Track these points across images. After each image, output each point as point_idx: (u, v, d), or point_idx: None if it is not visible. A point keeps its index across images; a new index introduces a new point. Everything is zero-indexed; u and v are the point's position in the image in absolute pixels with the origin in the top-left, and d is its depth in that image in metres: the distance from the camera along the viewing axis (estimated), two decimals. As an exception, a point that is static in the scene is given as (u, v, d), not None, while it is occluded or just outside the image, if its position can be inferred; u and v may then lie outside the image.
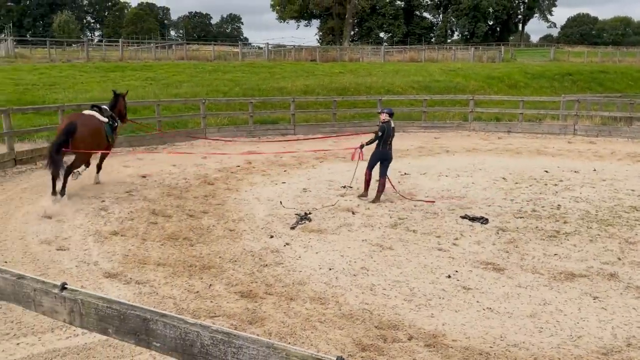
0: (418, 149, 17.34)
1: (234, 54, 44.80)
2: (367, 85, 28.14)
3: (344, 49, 50.57)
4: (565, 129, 20.66)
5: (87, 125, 10.25)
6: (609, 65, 45.03)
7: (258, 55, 48.61)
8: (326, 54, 45.15)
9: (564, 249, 7.91)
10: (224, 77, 28.22)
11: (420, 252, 7.84)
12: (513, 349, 5.07)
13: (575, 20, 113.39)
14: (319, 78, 29.56)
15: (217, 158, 14.64)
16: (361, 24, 79.12)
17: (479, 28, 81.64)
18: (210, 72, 29.47)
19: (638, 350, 5.08)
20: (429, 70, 34.16)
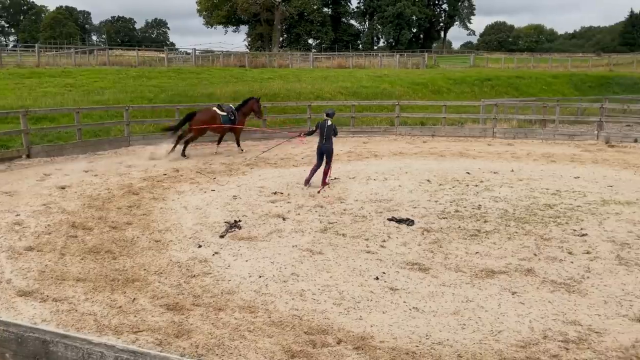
0: (347, 154, 17.57)
1: (159, 60, 43.74)
2: (296, 91, 28.23)
3: (273, 55, 50.54)
4: (485, 132, 21.58)
5: (203, 114, 16.45)
6: (524, 70, 47.48)
7: (185, 60, 47.67)
8: (255, 60, 44.94)
9: (484, 247, 8.24)
10: (149, 83, 27.45)
11: (349, 255, 7.93)
12: (438, 346, 5.22)
13: (493, 28, 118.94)
14: (248, 84, 29.35)
15: (141, 167, 14.21)
16: (290, 30, 79.41)
17: (404, 35, 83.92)
18: (135, 78, 28.59)
19: (554, 342, 5.35)
20: (356, 76, 34.73)
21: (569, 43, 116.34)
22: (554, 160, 16.02)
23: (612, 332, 5.53)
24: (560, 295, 6.49)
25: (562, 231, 8.99)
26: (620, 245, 8.26)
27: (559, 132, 21.18)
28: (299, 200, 11.18)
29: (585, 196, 11.39)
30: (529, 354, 5.05)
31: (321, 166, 12.72)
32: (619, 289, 6.65)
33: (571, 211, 10.21)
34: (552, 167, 14.97)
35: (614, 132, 20.45)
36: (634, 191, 11.84)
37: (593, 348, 5.20)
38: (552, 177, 13.58)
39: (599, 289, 6.65)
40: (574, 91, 38.69)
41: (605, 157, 16.44)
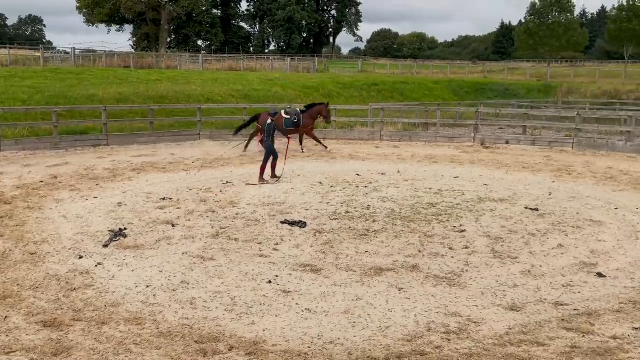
0: (240, 157, 17.42)
1: (34, 59, 40.68)
2: (186, 93, 27.51)
3: (160, 56, 48.85)
4: (373, 135, 22.37)
5: (266, 114, 15.66)
6: (408, 76, 49.87)
7: (64, 60, 44.73)
8: (142, 61, 43.18)
9: (373, 246, 8.52)
10: (22, 83, 25.41)
11: (242, 260, 7.85)
12: (329, 346, 5.30)
13: (379, 35, 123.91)
14: (134, 85, 28.13)
15: (14, 174, 13.13)
16: (178, 30, 77.24)
17: (294, 40, 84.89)
18: (6, 78, 26.34)
19: (437, 334, 5.64)
20: (248, 79, 34.55)
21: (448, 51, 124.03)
22: (436, 162, 16.95)
23: (488, 321, 5.93)
24: (443, 289, 6.86)
25: (443, 228, 9.52)
26: (494, 239, 8.90)
27: (440, 134, 22.46)
28: (190, 206, 10.90)
29: (464, 195, 12.16)
30: (414, 347, 5.29)
31: (277, 159, 13.70)
32: (494, 281, 7.16)
33: (452, 209, 10.85)
34: (434, 168, 15.83)
35: (489, 135, 22.05)
36: (505, 189, 12.83)
37: (472, 337, 5.55)
38: (434, 177, 14.36)
39: (476, 282, 7.12)
40: (453, 96, 41.22)
41: (481, 158, 17.67)
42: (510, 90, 44.90)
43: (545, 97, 41.83)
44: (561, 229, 9.55)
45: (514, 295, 6.67)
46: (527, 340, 5.45)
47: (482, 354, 5.15)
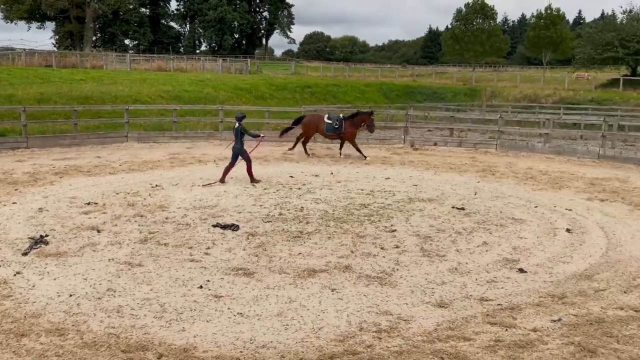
0: (170, 160, 17.01)
1: (-56, 56, 38.06)
2: (112, 94, 26.57)
3: (85, 55, 46.92)
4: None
5: (308, 119, 18.55)
6: (340, 79, 50.45)
7: (-22, 58, 42.09)
8: (64, 60, 41.32)
9: (307, 247, 8.54)
10: None
11: (171, 265, 7.66)
12: (262, 350, 5.27)
13: (311, 38, 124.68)
14: (56, 85, 26.86)
15: None
16: (104, 29, 74.51)
17: (226, 40, 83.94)
18: None
19: (368, 333, 5.72)
20: (178, 80, 33.80)
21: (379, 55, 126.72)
22: (368, 163, 17.23)
23: (418, 319, 6.09)
24: (374, 288, 6.98)
25: (375, 228, 9.69)
26: (423, 238, 9.15)
27: (371, 136, 22.82)
28: (116, 210, 10.53)
29: (394, 195, 12.42)
30: (346, 347, 5.34)
31: (234, 165, 13.69)
32: (423, 279, 7.35)
33: (383, 209, 11.05)
34: (366, 169, 16.09)
35: (418, 137, 22.66)
36: (434, 189, 13.22)
37: (402, 335, 5.67)
38: (366, 178, 14.59)
39: (406, 280, 7.28)
40: (384, 99, 42.10)
41: (411, 159, 18.13)
42: (438, 93, 46.36)
43: (470, 101, 43.47)
44: (486, 227, 9.94)
45: (441, 292, 6.88)
46: (454, 336, 5.63)
47: (411, 351, 5.27)
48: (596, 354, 5.23)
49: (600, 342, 5.47)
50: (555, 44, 60.27)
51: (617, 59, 46.53)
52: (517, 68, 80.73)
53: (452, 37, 67.08)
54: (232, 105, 27.80)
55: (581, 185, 14.02)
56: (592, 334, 5.68)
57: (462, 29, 65.45)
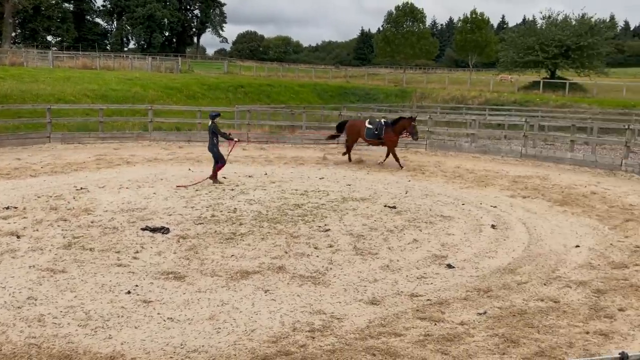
0: (96, 161, 16.36)
1: None
2: (33, 92, 25.28)
3: (3, 52, 44.38)
4: (240, 137, 22.16)
5: (351, 125, 18.01)
6: (274, 79, 50.33)
7: None
8: (-20, 56, 38.93)
9: (239, 249, 8.44)
10: None
11: (97, 271, 7.36)
12: (193, 354, 5.15)
13: (244, 37, 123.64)
14: (-30, 83, 25.27)
15: None
16: (24, 25, 70.83)
17: (155, 38, 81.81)
18: None
19: (302, 333, 5.72)
20: (105, 78, 32.60)
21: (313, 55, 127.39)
22: (302, 163, 17.27)
23: (350, 317, 6.15)
24: (308, 288, 6.99)
25: (309, 228, 9.71)
26: (356, 237, 9.26)
27: (306, 137, 22.90)
28: (38, 215, 10.01)
29: (328, 195, 12.51)
30: (279, 348, 5.32)
31: (223, 164, 13.79)
32: (356, 277, 7.44)
33: (317, 209, 11.11)
34: (300, 170, 16.11)
35: (351, 137, 22.91)
36: (366, 189, 13.42)
37: (335, 333, 5.71)
38: (300, 178, 14.61)
39: (339, 279, 7.34)
40: (318, 99, 42.37)
41: (345, 159, 18.31)
42: (371, 94, 47.15)
43: (401, 102, 44.49)
44: (416, 224, 10.19)
45: (374, 290, 6.98)
46: (386, 332, 5.73)
47: (344, 349, 5.32)
48: (519, 344, 5.47)
49: (522, 333, 5.73)
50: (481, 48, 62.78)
51: (538, 63, 48.98)
52: (446, 70, 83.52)
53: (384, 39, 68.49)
54: (162, 104, 27.13)
55: (505, 183, 14.64)
56: (515, 325, 5.94)
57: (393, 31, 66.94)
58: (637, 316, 6.18)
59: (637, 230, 9.90)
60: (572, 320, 6.07)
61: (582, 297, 6.79)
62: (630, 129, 17.96)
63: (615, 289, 7.02)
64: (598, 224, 10.44)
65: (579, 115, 31.35)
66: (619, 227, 10.13)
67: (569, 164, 17.53)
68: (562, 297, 6.78)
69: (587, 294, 6.88)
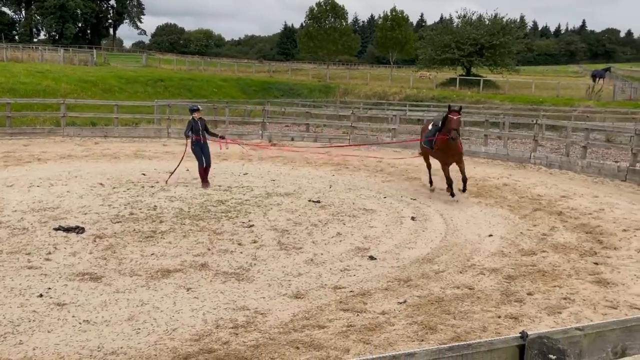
0: (3, 159, 15.40)
1: None
2: None
3: None
4: (160, 132, 21.63)
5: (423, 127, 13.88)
6: (196, 73, 49.31)
7: None
8: None
9: (160, 247, 8.23)
10: None
11: (6, 274, 6.94)
12: (111, 357, 4.98)
13: (164, 30, 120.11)
14: None
15: None
16: None
17: (68, 29, 77.85)
18: None
19: (225, 330, 5.66)
20: (12, 71, 30.69)
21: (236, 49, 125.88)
22: (226, 159, 17.03)
23: (274, 311, 6.15)
24: (231, 284, 6.92)
25: (232, 224, 9.61)
26: (281, 232, 9.27)
27: (229, 131, 22.60)
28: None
29: (252, 190, 12.43)
30: (202, 346, 5.24)
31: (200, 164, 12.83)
32: (280, 272, 7.45)
33: (241, 205, 11.01)
34: (224, 165, 15.89)
35: (275, 132, 22.90)
36: (291, 184, 13.46)
37: (259, 329, 5.70)
38: (224, 174, 14.42)
39: (264, 274, 7.33)
40: (241, 94, 41.96)
41: (269, 154, 18.26)
42: (295, 89, 47.28)
43: (325, 97, 44.94)
44: (339, 218, 10.34)
45: (298, 284, 7.03)
46: (310, 325, 5.79)
47: (268, 344, 5.32)
48: (436, 331, 5.69)
49: (439, 320, 5.96)
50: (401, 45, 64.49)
51: (454, 60, 51.01)
52: (368, 66, 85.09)
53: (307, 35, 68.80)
54: (75, 98, 25.86)
55: (424, 176, 15.14)
56: (432, 312, 6.17)
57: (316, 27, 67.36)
58: (544, 299, 6.60)
59: (544, 219, 10.55)
60: (485, 306, 6.39)
61: (494, 283, 7.16)
62: (538, 124, 19.10)
63: (524, 275, 7.46)
64: (509, 213, 11.03)
65: (492, 111, 33.00)
66: (528, 217, 10.76)
67: (483, 157, 18.40)
68: (477, 284, 7.12)
69: (499, 280, 7.27)
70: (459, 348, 2.19)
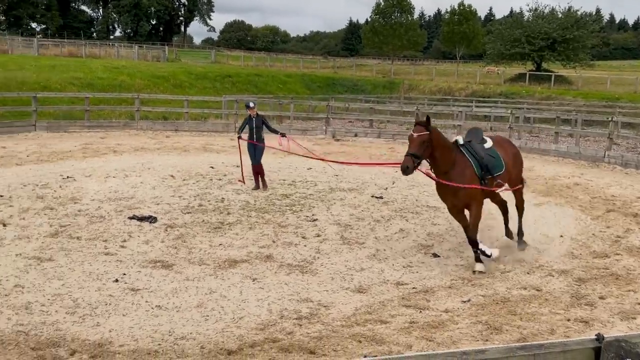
0: (82, 150, 16.27)
1: None
2: (18, 80, 25.02)
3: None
4: (227, 127, 22.18)
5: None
6: (262, 69, 50.15)
7: None
8: (-38, 43, 38.36)
9: (227, 238, 8.48)
10: None
11: (85, 259, 7.37)
12: (181, 341, 5.21)
13: (232, 26, 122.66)
14: (-47, 70, 24.93)
15: None
16: (8, 12, 69.74)
17: (142, 27, 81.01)
18: None
19: (289, 320, 5.79)
20: (90, 66, 32.31)
21: (301, 45, 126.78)
22: (291, 154, 17.25)
23: (337, 304, 6.23)
24: (295, 276, 7.06)
25: (297, 218, 9.77)
26: (344, 227, 9.33)
27: (293, 127, 22.91)
28: (24, 203, 9.96)
29: (316, 185, 12.57)
30: (267, 335, 5.38)
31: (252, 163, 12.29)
32: (342, 266, 7.52)
33: (305, 199, 11.16)
34: (288, 160, 16.10)
35: (339, 128, 22.99)
36: (354, 179, 13.49)
37: (322, 320, 5.79)
38: (288, 169, 14.65)
39: (327, 268, 7.42)
40: (305, 90, 42.31)
41: (333, 150, 18.38)
42: (359, 85, 47.20)
43: (389, 93, 44.61)
44: (402, 214, 10.29)
45: (360, 278, 7.07)
46: (372, 319, 5.82)
47: (331, 336, 5.40)
48: (501, 331, 5.58)
49: (505, 320, 5.84)
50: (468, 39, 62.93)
51: (524, 55, 49.30)
52: (433, 62, 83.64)
53: (372, 30, 68.34)
54: (148, 93, 26.95)
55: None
56: (498, 312, 6.05)
57: (381, 22, 66.83)
58: (617, 304, 6.33)
59: (618, 221, 10.08)
60: (553, 308, 6.20)
61: (563, 285, 6.93)
62: (614, 121, 18.20)
63: (596, 278, 7.17)
64: (581, 214, 10.60)
65: (563, 108, 31.68)
66: (600, 218, 10.30)
67: (553, 156, 17.74)
68: (545, 285, 6.91)
69: (568, 282, 7.02)
70: (531, 347, 2.17)
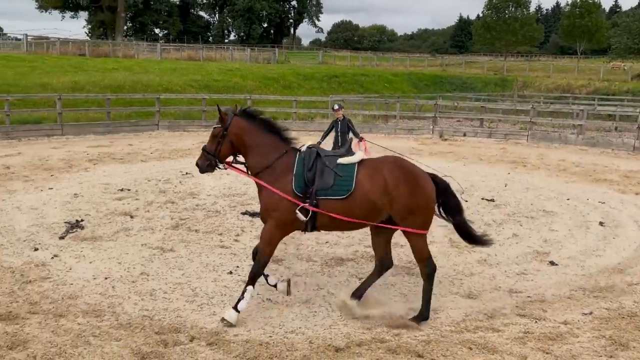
0: (199, 148, 17.18)
1: (-17, 45, 39.11)
2: (143, 83, 27.01)
3: (117, 44, 47.67)
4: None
5: None
6: (368, 68, 50.18)
7: (15, 47, 43.26)
8: (97, 49, 42.07)
9: (334, 236, 8.57)
10: (-31, 70, 24.44)
11: (202, 251, 7.80)
12: (290, 335, 5.35)
13: (339, 27, 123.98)
14: (89, 74, 27.41)
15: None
16: (135, 18, 75.47)
17: (254, 30, 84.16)
18: (-47, 65, 25.28)
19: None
20: (207, 69, 34.12)
21: (408, 44, 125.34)
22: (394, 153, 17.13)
23: (446, 309, 6.08)
24: (402, 277, 6.98)
25: (403, 218, 9.64)
26: (452, 229, 9.05)
27: (399, 126, 22.75)
28: (149, 197, 10.74)
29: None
30: (374, 335, 5.37)
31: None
32: (451, 269, 7.33)
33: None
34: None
35: (447, 127, 22.46)
36: (463, 180, 13.05)
37: (430, 324, 5.66)
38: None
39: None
40: (412, 89, 41.75)
41: (440, 150, 18.00)
42: (468, 83, 45.76)
43: (501, 91, 42.82)
44: (516, 219, 9.84)
45: (470, 284, 6.86)
46: (483, 327, 5.62)
47: (439, 340, 5.28)
48: (628, 348, 5.16)
49: (632, 336, 5.40)
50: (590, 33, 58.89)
51: (655, 49, 45.22)
52: (550, 58, 79.00)
53: (484, 26, 66.06)
54: (259, 94, 27.97)
55: (615, 177, 13.73)
56: (624, 327, 5.60)
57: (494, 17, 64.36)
58: None
59: None
60: (689, 327, 5.62)
61: (702, 303, 6.26)
62: None
63: None
64: None
65: (702, 106, 28.60)
66: None
67: (689, 159, 16.11)
68: (679, 301, 6.29)
69: None
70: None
